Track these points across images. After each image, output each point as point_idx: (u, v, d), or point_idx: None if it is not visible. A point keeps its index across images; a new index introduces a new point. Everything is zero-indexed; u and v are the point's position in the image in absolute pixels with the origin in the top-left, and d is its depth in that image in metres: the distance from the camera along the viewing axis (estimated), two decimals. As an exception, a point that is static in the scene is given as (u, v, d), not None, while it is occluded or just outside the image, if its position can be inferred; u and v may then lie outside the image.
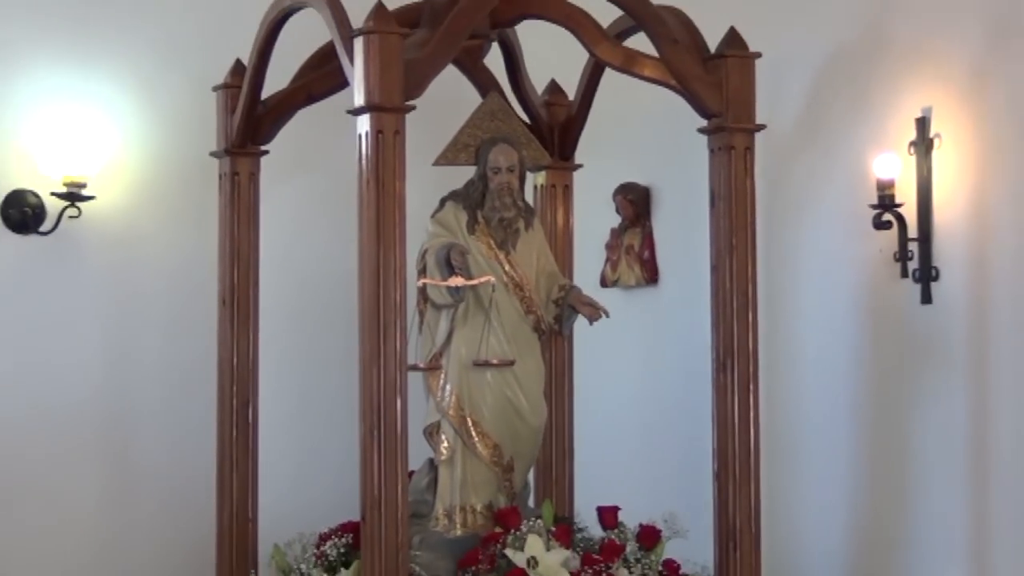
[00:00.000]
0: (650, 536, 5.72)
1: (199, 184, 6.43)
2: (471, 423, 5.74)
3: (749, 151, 5.71)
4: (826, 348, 6.12)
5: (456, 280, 5.65)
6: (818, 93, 6.19)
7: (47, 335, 6.55)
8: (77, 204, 6.47)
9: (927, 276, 5.68)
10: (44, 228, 6.49)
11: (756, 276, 5.74)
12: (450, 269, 5.67)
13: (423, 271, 5.74)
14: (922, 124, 5.65)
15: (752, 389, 5.68)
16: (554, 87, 6.43)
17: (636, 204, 6.72)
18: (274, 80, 6.12)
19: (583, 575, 5.48)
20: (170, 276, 6.73)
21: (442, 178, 6.07)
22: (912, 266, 5.72)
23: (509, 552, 5.44)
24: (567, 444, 6.35)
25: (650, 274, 6.72)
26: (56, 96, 6.58)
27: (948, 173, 5.63)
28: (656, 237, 6.75)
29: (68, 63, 6.62)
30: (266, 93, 6.13)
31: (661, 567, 5.71)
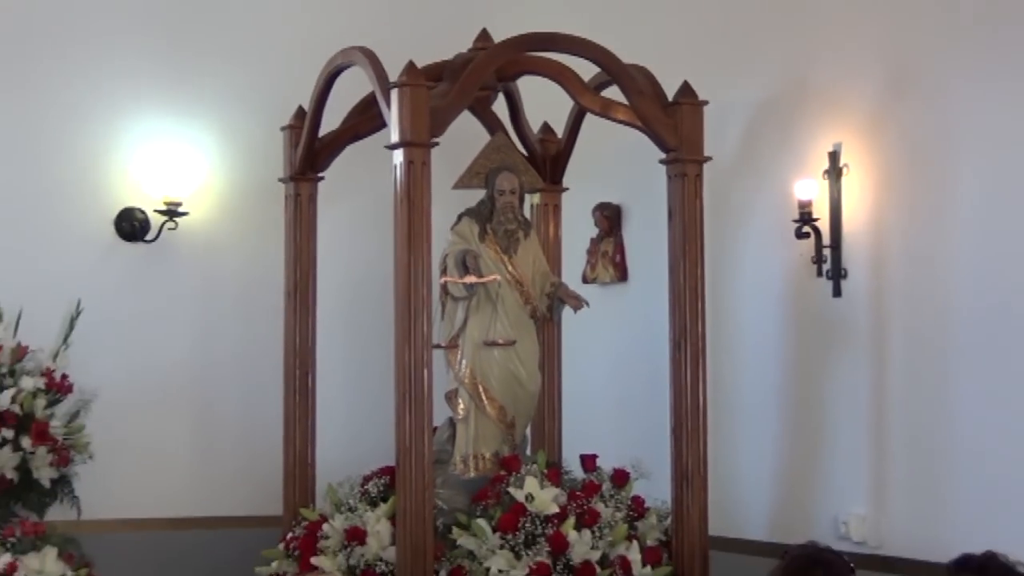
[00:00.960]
0: (621, 477, 6.04)
1: (270, 203, 6.73)
2: (482, 390, 6.07)
3: (699, 177, 5.96)
4: (759, 332, 6.32)
5: (470, 278, 5.97)
6: (752, 132, 6.36)
7: (151, 320, 6.92)
8: (174, 219, 6.84)
9: (838, 275, 5.98)
10: (148, 238, 6.88)
11: (704, 276, 5.96)
12: (465, 269, 5.98)
13: (444, 271, 6.05)
14: (834, 156, 5.94)
15: (701, 364, 5.92)
16: (546, 127, 6.71)
17: (610, 219, 6.96)
18: (329, 122, 6.44)
19: (569, 507, 5.75)
20: (247, 274, 7.04)
21: (460, 198, 6.36)
22: (826, 267, 6.00)
23: (512, 490, 5.75)
24: (557, 406, 6.60)
25: (621, 274, 6.94)
26: (158, 135, 6.96)
27: (854, 194, 5.93)
28: (626, 244, 6.96)
29: (167, 110, 7.00)
30: (322, 132, 6.45)
31: (630, 501, 6.00)
